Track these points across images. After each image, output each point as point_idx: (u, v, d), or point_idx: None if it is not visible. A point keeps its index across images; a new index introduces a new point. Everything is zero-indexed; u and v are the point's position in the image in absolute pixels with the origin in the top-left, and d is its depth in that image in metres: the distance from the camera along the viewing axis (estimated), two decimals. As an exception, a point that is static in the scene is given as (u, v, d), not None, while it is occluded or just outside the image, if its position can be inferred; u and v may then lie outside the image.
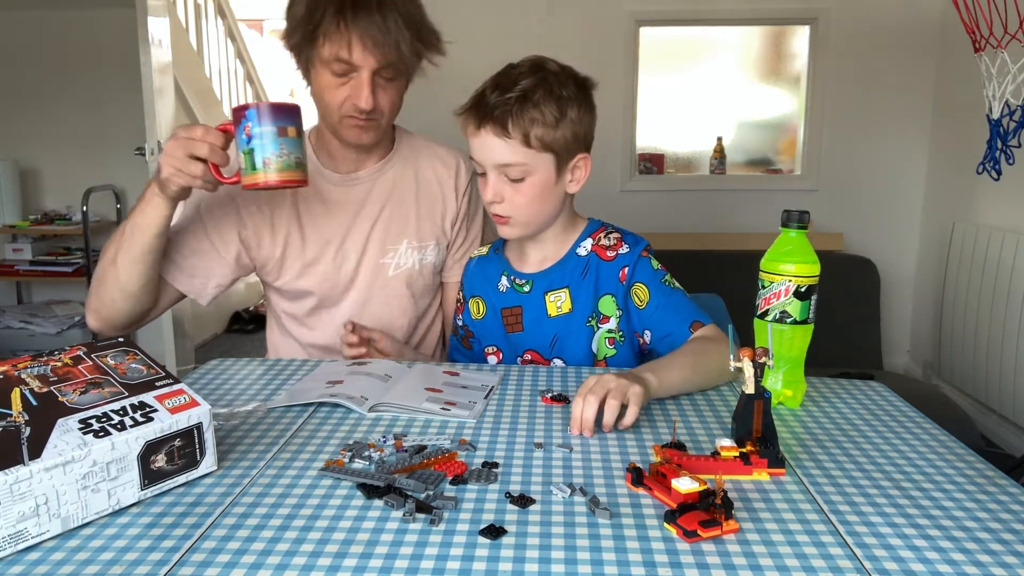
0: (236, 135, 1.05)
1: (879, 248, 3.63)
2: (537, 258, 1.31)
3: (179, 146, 1.07)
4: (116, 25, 3.64)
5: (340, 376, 1.17)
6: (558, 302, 1.28)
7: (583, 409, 0.95)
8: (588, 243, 1.29)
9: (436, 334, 1.52)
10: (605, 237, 1.29)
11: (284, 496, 0.81)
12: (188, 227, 1.34)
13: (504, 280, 1.33)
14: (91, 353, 0.87)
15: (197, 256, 1.34)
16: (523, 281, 1.31)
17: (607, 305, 1.27)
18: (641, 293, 1.24)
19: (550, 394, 1.11)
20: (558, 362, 1.29)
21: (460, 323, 1.41)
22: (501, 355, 1.35)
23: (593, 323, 1.27)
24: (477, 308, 1.36)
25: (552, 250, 1.30)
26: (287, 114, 1.04)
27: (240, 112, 1.03)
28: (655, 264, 1.27)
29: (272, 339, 1.51)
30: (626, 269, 1.25)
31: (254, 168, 1.02)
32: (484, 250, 1.39)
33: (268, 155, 1.02)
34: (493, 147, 1.17)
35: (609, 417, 0.95)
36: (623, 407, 0.97)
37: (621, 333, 1.27)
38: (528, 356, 1.31)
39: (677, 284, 1.26)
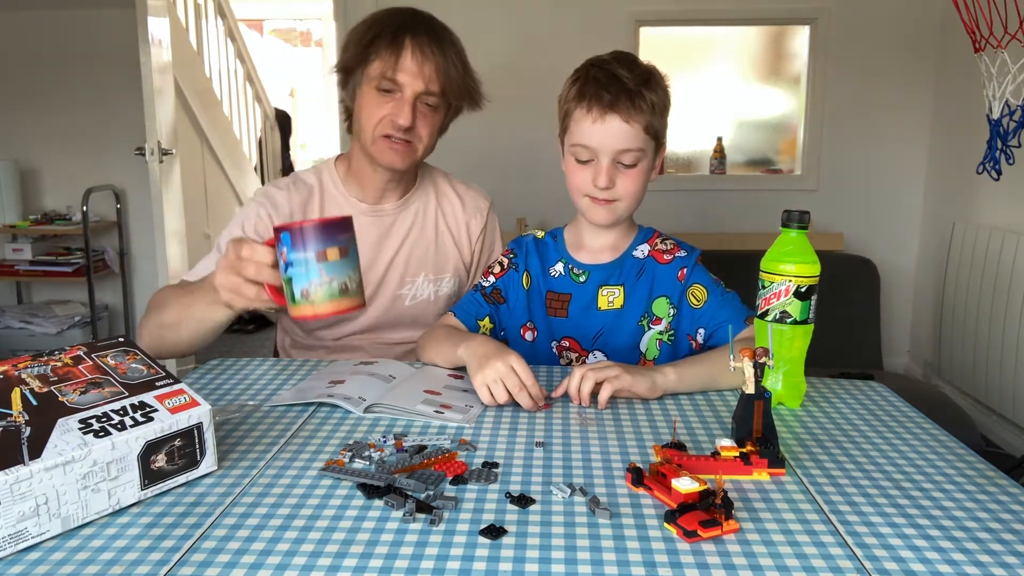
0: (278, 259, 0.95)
1: (879, 248, 3.62)
2: (594, 251, 1.33)
3: (228, 270, 1.01)
4: (116, 25, 3.64)
5: (343, 376, 1.17)
6: (610, 297, 1.30)
7: (580, 381, 1.06)
8: (645, 247, 1.32)
9: None
10: (662, 243, 1.33)
11: (284, 496, 0.81)
12: None
13: (560, 266, 1.34)
14: (91, 353, 0.87)
15: None
16: (580, 271, 1.32)
17: (660, 307, 1.30)
18: (699, 293, 1.27)
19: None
20: (598, 354, 1.31)
21: (488, 284, 1.37)
22: (536, 333, 1.35)
23: (645, 323, 1.30)
24: (527, 280, 1.36)
25: (611, 245, 1.32)
26: (327, 233, 0.90)
27: (276, 234, 0.92)
28: (710, 273, 1.31)
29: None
30: (684, 270, 1.29)
31: (294, 300, 0.92)
32: (540, 233, 1.39)
33: (306, 285, 0.90)
34: (618, 133, 1.19)
35: (585, 389, 1.06)
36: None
37: (671, 334, 1.29)
38: (566, 343, 1.33)
39: (728, 289, 1.30)
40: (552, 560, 0.69)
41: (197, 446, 0.84)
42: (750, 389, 0.90)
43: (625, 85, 1.18)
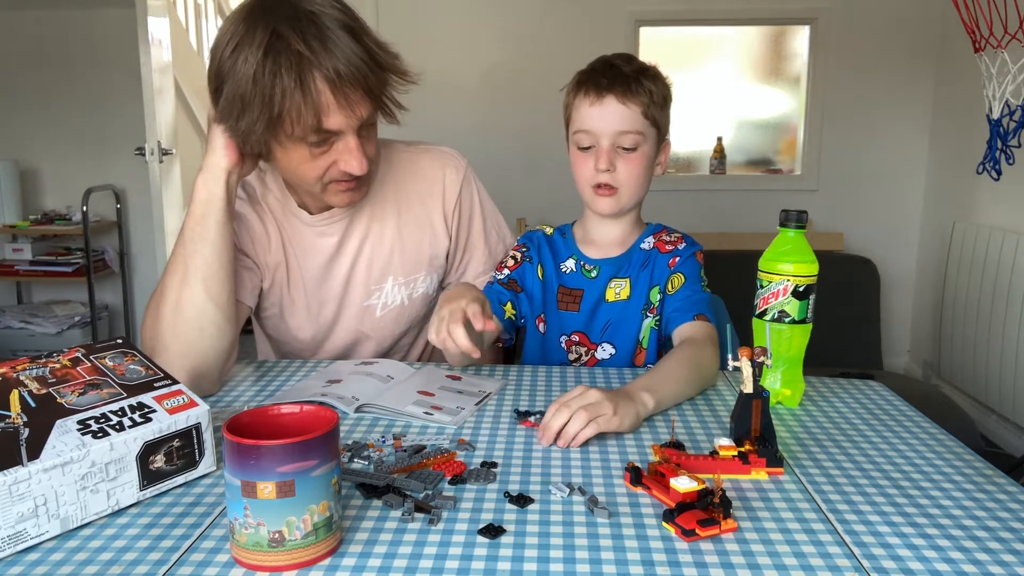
0: None
1: (879, 248, 3.63)
2: (603, 245, 1.34)
3: None
4: (116, 25, 3.64)
5: (342, 376, 1.17)
6: (617, 289, 1.32)
7: (552, 417, 0.94)
8: (651, 239, 1.34)
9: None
10: (668, 235, 1.35)
11: (283, 496, 0.81)
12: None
13: (571, 262, 1.35)
14: (89, 355, 0.87)
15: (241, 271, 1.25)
16: (591, 267, 1.34)
17: (655, 295, 1.32)
18: (676, 281, 1.29)
19: (532, 417, 1.02)
20: (606, 347, 1.32)
21: (504, 276, 1.35)
22: (547, 326, 1.35)
23: (645, 312, 1.32)
24: (541, 272, 1.36)
25: (620, 239, 1.33)
26: (261, 459, 0.64)
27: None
28: (700, 268, 1.32)
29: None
30: (676, 259, 1.31)
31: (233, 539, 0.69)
32: (548, 230, 1.40)
33: (231, 518, 0.68)
34: (615, 113, 1.22)
35: (572, 429, 0.92)
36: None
37: (657, 319, 1.31)
38: (576, 337, 1.34)
39: (708, 290, 1.30)
40: (551, 559, 0.69)
41: (196, 446, 0.84)
42: (748, 388, 0.90)
43: (622, 71, 1.23)
